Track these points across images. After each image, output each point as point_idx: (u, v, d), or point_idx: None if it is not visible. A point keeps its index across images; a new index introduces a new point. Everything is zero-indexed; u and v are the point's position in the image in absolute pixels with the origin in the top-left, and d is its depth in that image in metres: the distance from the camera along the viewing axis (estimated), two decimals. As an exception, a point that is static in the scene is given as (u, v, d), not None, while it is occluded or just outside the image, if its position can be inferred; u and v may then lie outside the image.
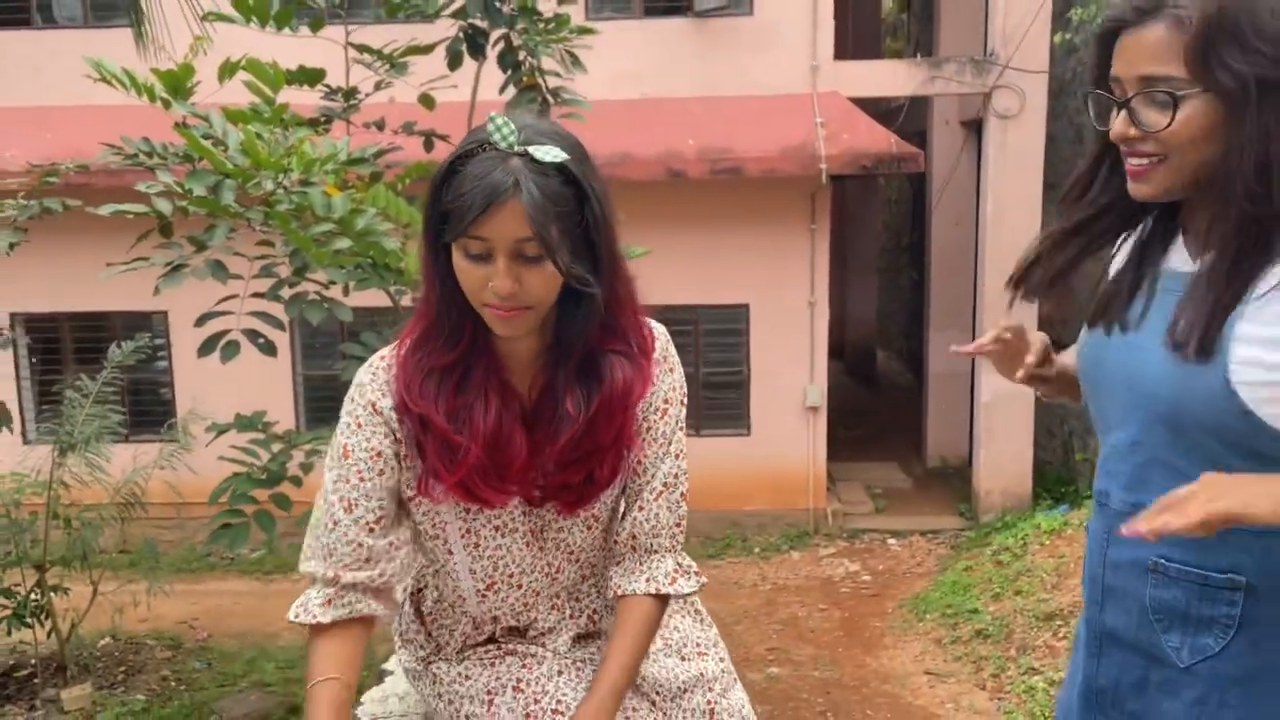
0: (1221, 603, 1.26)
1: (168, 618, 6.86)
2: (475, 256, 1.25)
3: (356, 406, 1.37)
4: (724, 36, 8.23)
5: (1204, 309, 1.23)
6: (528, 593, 1.45)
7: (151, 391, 8.96)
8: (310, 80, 4.11)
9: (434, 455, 1.34)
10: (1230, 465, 1.22)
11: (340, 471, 1.37)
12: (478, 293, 1.28)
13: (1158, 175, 1.26)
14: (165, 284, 3.31)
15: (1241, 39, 1.17)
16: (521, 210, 1.22)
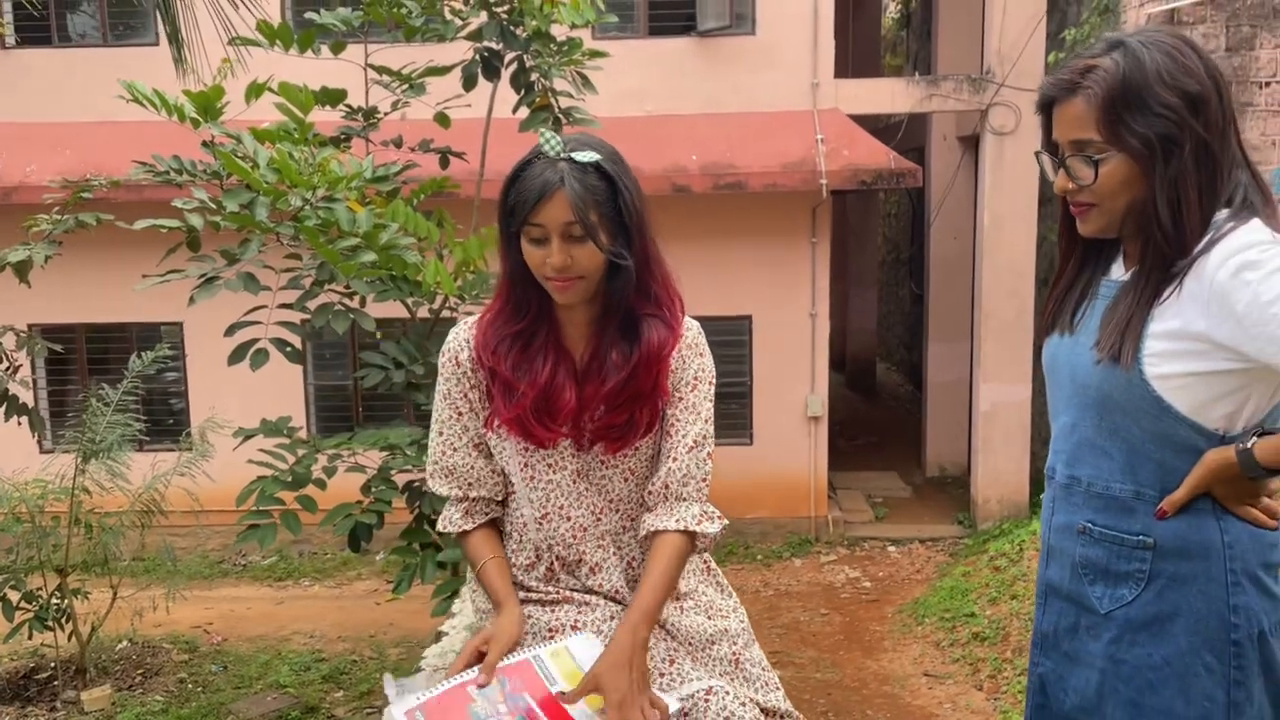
0: (1135, 560, 1.53)
1: (183, 622, 7.01)
2: (535, 240, 1.60)
3: (446, 360, 1.74)
4: (727, 55, 8.43)
5: (1124, 315, 1.50)
6: (575, 526, 1.71)
7: (162, 401, 9.11)
8: (333, 100, 4.28)
9: (499, 397, 1.69)
10: (1145, 449, 1.50)
11: (447, 411, 1.74)
12: (539, 269, 1.62)
13: (1093, 217, 1.54)
14: (200, 295, 3.48)
15: (1141, 107, 1.44)
16: (566, 200, 1.57)
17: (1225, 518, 1.49)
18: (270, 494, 3.65)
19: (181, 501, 6.40)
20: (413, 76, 4.46)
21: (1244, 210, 1.46)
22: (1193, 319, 1.44)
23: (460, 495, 1.75)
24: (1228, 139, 1.48)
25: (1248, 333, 1.38)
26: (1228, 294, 1.39)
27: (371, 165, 3.80)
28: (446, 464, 1.75)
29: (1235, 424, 1.47)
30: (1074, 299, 1.63)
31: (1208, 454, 1.47)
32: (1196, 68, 1.47)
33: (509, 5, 4.31)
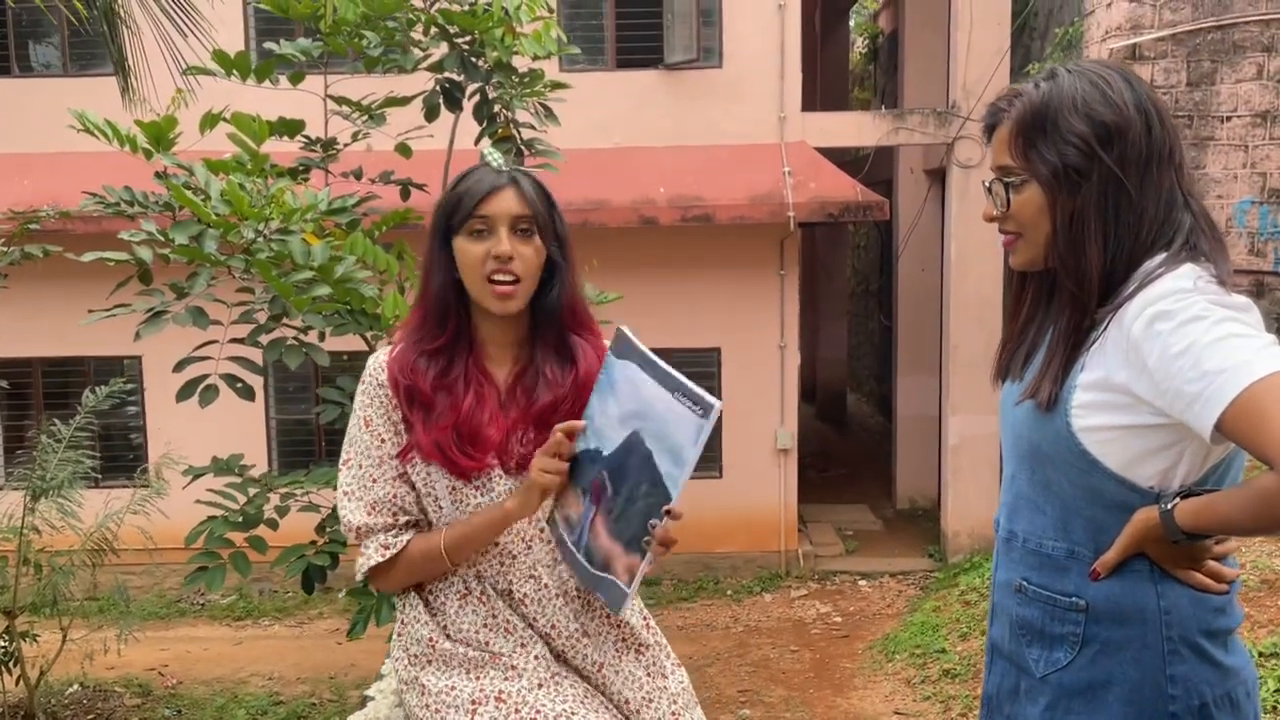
0: (1069, 622, 1.43)
1: (137, 664, 6.81)
2: (478, 233, 1.57)
3: (367, 386, 1.65)
4: (694, 88, 8.44)
5: (1053, 363, 1.42)
6: (504, 553, 1.62)
7: (123, 436, 8.93)
8: (290, 131, 4.20)
9: (418, 421, 1.60)
10: (1076, 504, 1.41)
11: (367, 438, 1.63)
12: (479, 266, 1.57)
13: (1020, 248, 1.48)
14: (146, 330, 3.37)
15: (1050, 134, 1.39)
16: (518, 195, 1.58)
17: (1164, 581, 1.39)
18: (219, 535, 3.53)
19: (137, 539, 6.24)
20: (373, 107, 4.40)
21: (1182, 253, 1.37)
22: (1115, 369, 1.35)
23: (389, 524, 1.63)
24: (1151, 176, 1.39)
25: (1158, 386, 1.29)
26: (1140, 345, 1.31)
27: (328, 197, 3.72)
28: (370, 497, 1.64)
29: (1170, 481, 1.37)
30: (1026, 342, 1.55)
31: (1137, 513, 1.37)
32: (1120, 98, 1.39)
33: (470, 36, 4.27)
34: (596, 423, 1.50)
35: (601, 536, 1.47)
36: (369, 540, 1.63)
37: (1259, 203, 6.80)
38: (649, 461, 1.42)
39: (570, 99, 4.56)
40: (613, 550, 1.46)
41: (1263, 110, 6.72)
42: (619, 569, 1.46)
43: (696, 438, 1.37)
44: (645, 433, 1.43)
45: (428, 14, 4.20)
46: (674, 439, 1.40)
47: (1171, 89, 6.75)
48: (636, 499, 1.43)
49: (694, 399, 1.38)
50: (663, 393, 1.41)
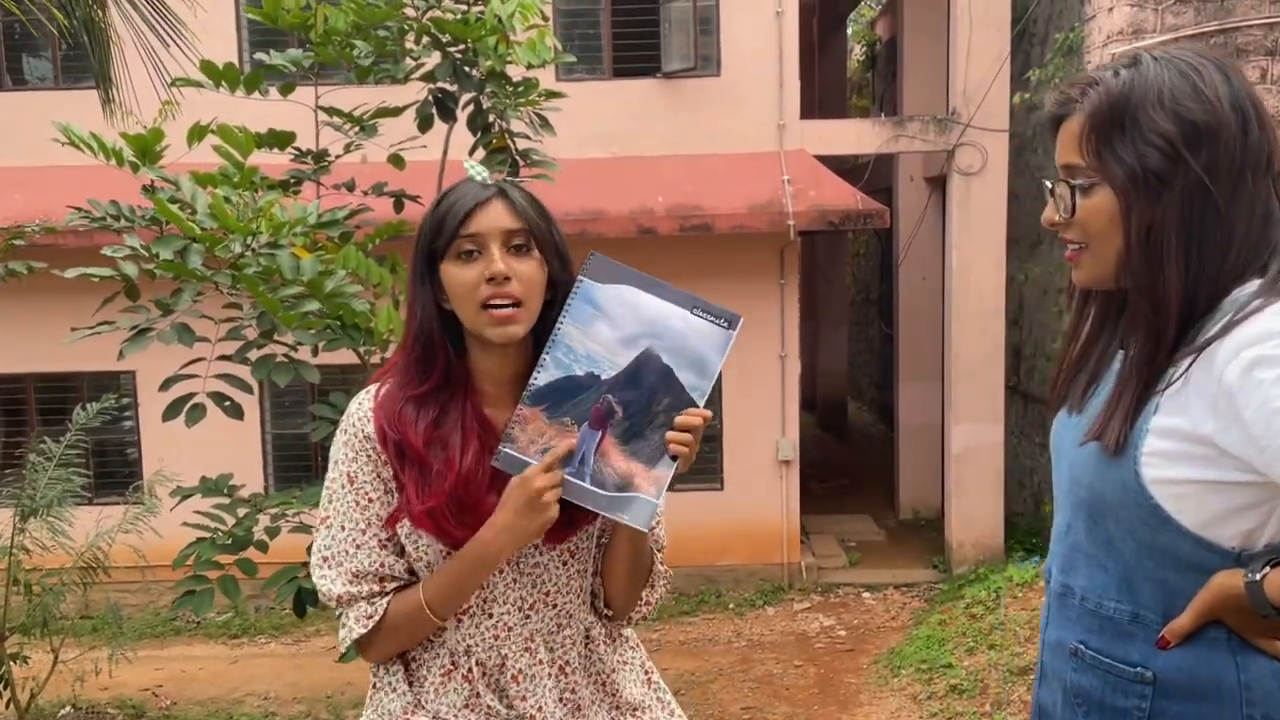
0: (1133, 695, 1.26)
1: (131, 685, 6.71)
2: (467, 255, 1.41)
3: (350, 436, 1.46)
4: (692, 96, 8.37)
5: (1122, 400, 1.23)
6: (499, 624, 1.46)
7: (118, 452, 8.84)
8: (280, 143, 4.12)
9: (410, 481, 1.42)
10: (1144, 565, 1.23)
11: (351, 498, 1.45)
12: (473, 291, 1.40)
13: (1084, 262, 1.30)
14: (129, 348, 3.29)
15: (1129, 130, 1.21)
16: (508, 207, 1.42)
17: (1244, 651, 1.21)
18: (206, 558, 3.44)
19: (130, 557, 6.14)
20: (364, 118, 4.32)
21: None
22: (1200, 418, 1.16)
23: (373, 591, 1.45)
24: (1244, 186, 1.19)
25: (1256, 443, 1.11)
26: (1234, 394, 1.12)
27: (317, 209, 3.63)
28: (353, 566, 1.44)
29: (1255, 542, 1.18)
30: (1087, 369, 1.36)
31: (1217, 576, 1.19)
32: (1214, 94, 1.20)
33: (463, 45, 4.19)
34: (580, 349, 1.42)
35: (616, 460, 1.42)
36: (350, 610, 1.46)
37: (1264, 208, 6.72)
38: (668, 376, 1.42)
39: (566, 108, 4.48)
40: (632, 469, 1.41)
41: (1267, 114, 6.64)
42: (643, 485, 1.41)
43: (723, 349, 1.43)
44: (660, 349, 1.42)
45: (419, 22, 4.12)
46: (696, 351, 1.42)
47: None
48: (655, 415, 1.42)
49: (715, 313, 1.43)
50: (677, 310, 1.43)
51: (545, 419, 1.42)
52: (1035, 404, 9.12)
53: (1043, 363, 8.85)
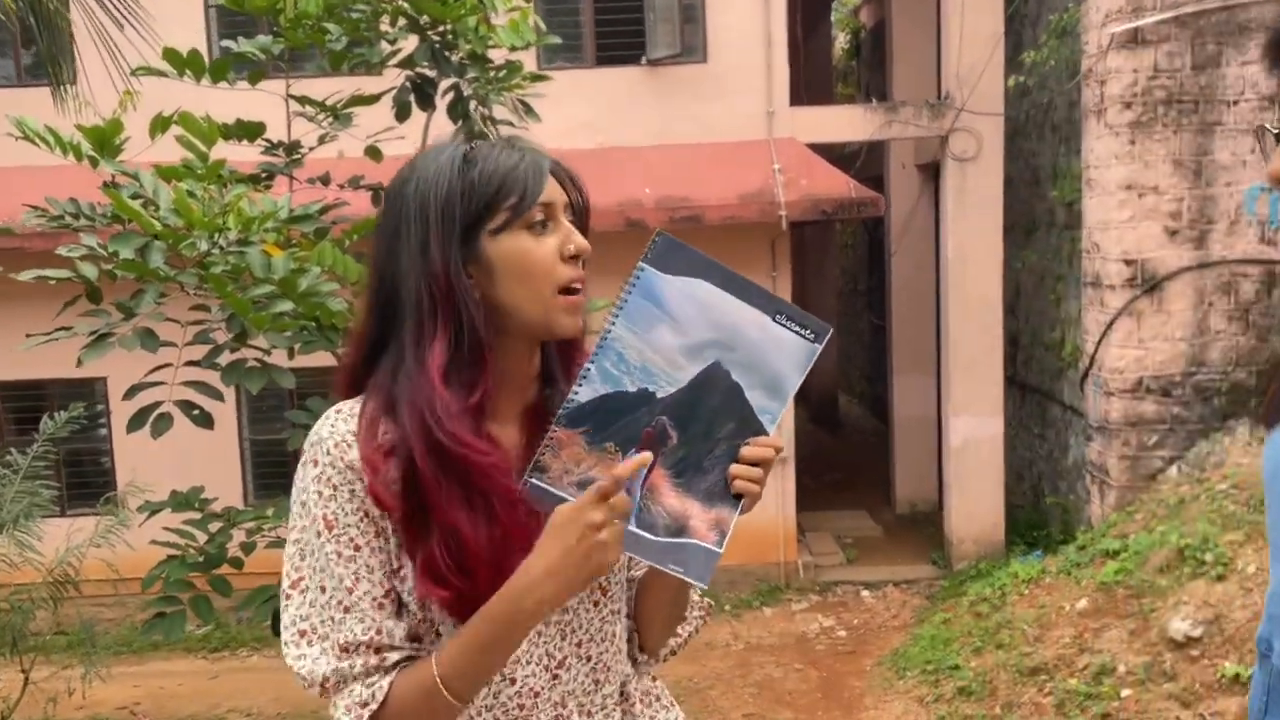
0: None
1: (108, 703, 6.46)
2: (539, 226, 1.19)
3: (324, 468, 1.15)
4: (678, 84, 8.15)
5: None
6: (524, 691, 1.20)
7: (92, 461, 8.57)
8: (249, 135, 3.89)
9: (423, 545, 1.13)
10: None
11: (330, 549, 1.14)
12: (550, 271, 1.18)
13: None
14: (88, 355, 3.05)
15: None
16: (563, 175, 1.24)
17: None
18: (177, 578, 3.21)
19: (106, 570, 5.91)
20: (338, 107, 4.09)
21: None
22: None
23: (371, 666, 1.15)
24: None
25: None
26: None
27: (289, 203, 3.40)
28: (341, 637, 1.14)
29: None
30: None
31: None
32: None
33: (442, 27, 3.96)
34: (635, 359, 1.16)
35: (668, 497, 1.16)
36: (340, 696, 1.14)
37: (1268, 189, 6.55)
38: (737, 397, 1.18)
39: (550, 97, 4.26)
40: (687, 509, 1.16)
41: (1270, 93, 6.47)
42: (699, 528, 1.17)
43: (805, 365, 1.20)
44: (731, 363, 1.17)
45: (395, 3, 3.89)
46: (773, 368, 1.19)
47: (1176, 73, 6.49)
48: (716, 444, 1.17)
49: (801, 322, 1.19)
50: (755, 314, 1.19)
51: (584, 444, 1.15)
52: (1033, 394, 8.95)
53: (1040, 352, 8.68)
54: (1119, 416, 6.77)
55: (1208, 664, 4.75)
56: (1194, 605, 5.04)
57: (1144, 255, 6.66)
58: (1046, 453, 8.65)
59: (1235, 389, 6.66)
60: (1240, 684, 4.54)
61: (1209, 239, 6.60)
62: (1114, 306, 6.76)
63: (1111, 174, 6.69)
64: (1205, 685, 4.65)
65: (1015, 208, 8.76)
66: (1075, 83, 7.37)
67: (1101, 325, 6.89)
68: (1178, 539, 5.48)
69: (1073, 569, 6.04)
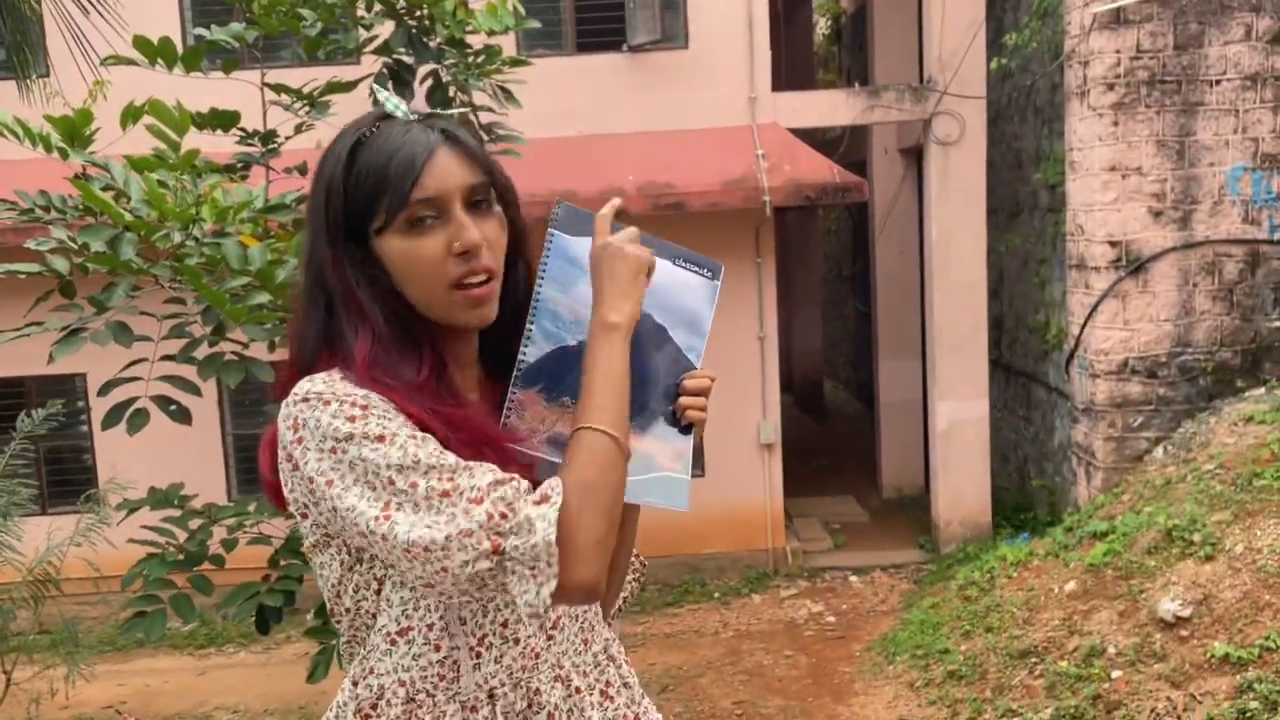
0: None
1: (92, 703, 6.40)
2: (422, 224, 1.11)
3: (341, 402, 1.07)
4: (660, 71, 8.08)
5: None
6: (526, 653, 1.19)
7: (73, 458, 8.47)
8: (223, 124, 3.82)
9: None
10: None
11: (399, 451, 1.05)
12: (438, 269, 1.12)
13: None
14: (60, 350, 2.99)
15: None
16: (460, 154, 1.13)
17: None
18: (157, 577, 3.16)
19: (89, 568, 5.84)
20: (314, 95, 4.02)
21: None
22: None
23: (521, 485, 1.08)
24: None
25: None
26: None
27: (264, 193, 3.34)
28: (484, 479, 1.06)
29: None
30: None
31: None
32: None
33: (419, 12, 3.90)
34: (568, 315, 1.20)
35: None
36: (519, 505, 1.05)
37: (1251, 169, 6.55)
38: (663, 337, 1.28)
39: (530, 85, 4.21)
40: (648, 446, 1.25)
41: (1252, 73, 6.47)
42: (665, 462, 1.27)
43: (711, 301, 1.32)
44: (650, 306, 1.24)
45: (370, -12, 3.83)
46: (687, 307, 1.30)
47: (1158, 53, 6.47)
48: (656, 381, 1.27)
49: (698, 263, 1.31)
50: (663, 263, 1.27)
51: (544, 401, 1.19)
52: (1018, 377, 8.95)
53: (1025, 335, 8.67)
54: (1104, 398, 6.77)
55: (1197, 644, 4.75)
56: (1183, 585, 5.04)
57: (1128, 237, 6.65)
58: (1032, 435, 8.66)
59: (1220, 369, 6.67)
60: (1230, 663, 4.54)
61: (1193, 219, 6.60)
62: (1099, 288, 6.75)
63: (1095, 156, 6.67)
64: (1195, 665, 4.65)
65: (998, 191, 8.74)
66: (1057, 64, 7.34)
67: (1086, 307, 6.88)
68: (1165, 520, 5.47)
69: (1060, 551, 6.04)
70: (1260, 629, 4.64)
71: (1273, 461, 5.61)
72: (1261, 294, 6.65)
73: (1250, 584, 4.88)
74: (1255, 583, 4.88)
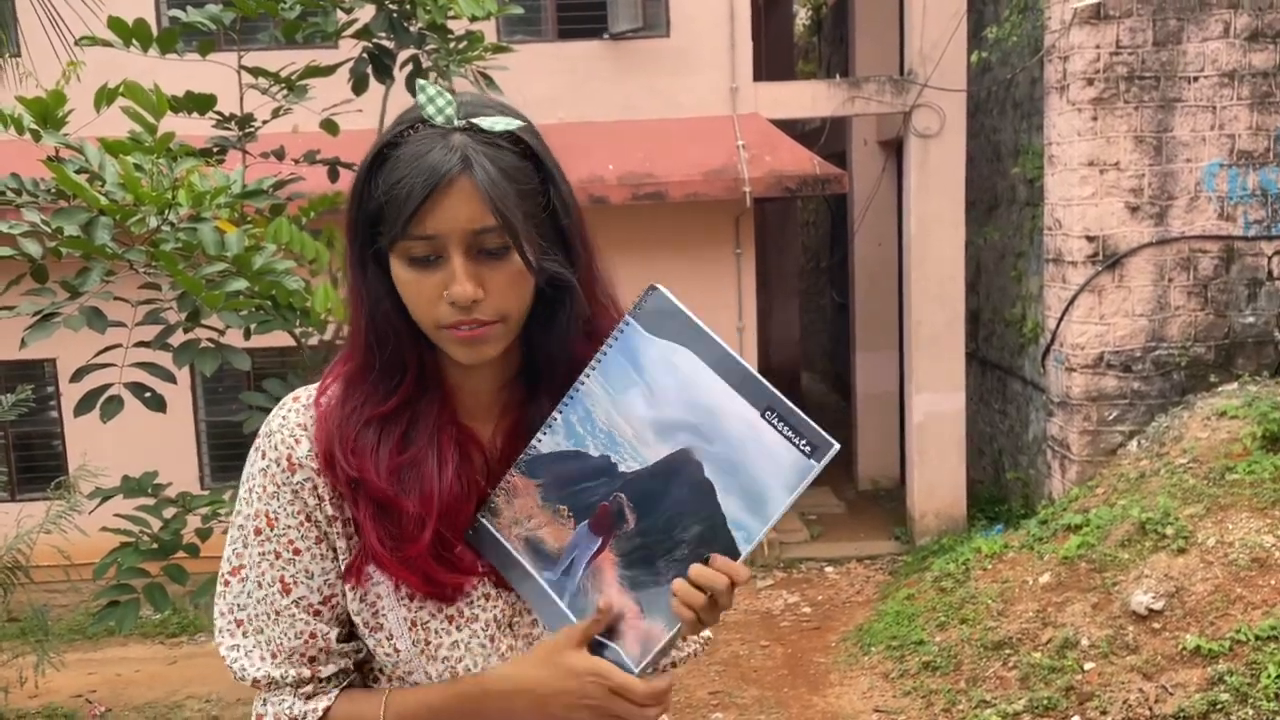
0: None
1: (62, 691, 6.32)
2: (421, 261, 1.01)
3: (269, 464, 1.08)
4: (641, 59, 8.05)
5: None
6: None
7: (44, 444, 8.37)
8: (199, 107, 3.76)
9: (371, 530, 1.05)
10: None
11: (265, 547, 1.08)
12: (430, 309, 1.02)
13: None
14: (32, 336, 2.93)
15: None
16: (474, 191, 0.98)
17: None
18: (130, 566, 3.12)
19: (59, 556, 5.77)
20: (292, 79, 3.97)
21: None
22: None
23: (302, 678, 1.10)
24: None
25: None
26: None
27: (241, 177, 3.29)
28: (273, 638, 1.09)
29: None
30: None
31: None
32: None
33: (400, -4, 3.85)
34: (602, 419, 1.05)
35: (610, 584, 1.04)
36: (272, 703, 1.10)
37: (1228, 165, 6.61)
38: (707, 497, 1.02)
39: (510, 72, 4.17)
40: (624, 606, 1.03)
41: (1229, 70, 6.52)
42: (627, 635, 1.03)
43: (796, 484, 1.00)
44: (706, 456, 1.02)
45: (350, -29, 3.78)
46: (755, 476, 1.01)
47: (1138, 49, 6.51)
48: (677, 545, 1.02)
49: (798, 428, 1.01)
50: (743, 406, 1.03)
51: (539, 498, 1.07)
52: (994, 370, 9.00)
53: (1002, 328, 8.72)
54: (1080, 392, 6.82)
55: (1169, 636, 4.80)
56: (1155, 578, 5.09)
57: (1105, 231, 6.69)
58: (1007, 428, 8.71)
59: (1194, 364, 6.73)
60: (1200, 656, 4.59)
61: (1169, 215, 6.65)
62: (1075, 283, 6.79)
63: (1073, 150, 6.70)
64: (1166, 657, 4.70)
65: (977, 184, 8.78)
66: (1038, 59, 7.37)
67: (1063, 301, 6.92)
68: (1138, 513, 5.52)
69: (1035, 544, 6.08)
70: (1231, 622, 4.69)
71: (1245, 456, 5.68)
72: (1235, 290, 6.71)
73: (1222, 577, 4.94)
74: (1227, 576, 4.94)
